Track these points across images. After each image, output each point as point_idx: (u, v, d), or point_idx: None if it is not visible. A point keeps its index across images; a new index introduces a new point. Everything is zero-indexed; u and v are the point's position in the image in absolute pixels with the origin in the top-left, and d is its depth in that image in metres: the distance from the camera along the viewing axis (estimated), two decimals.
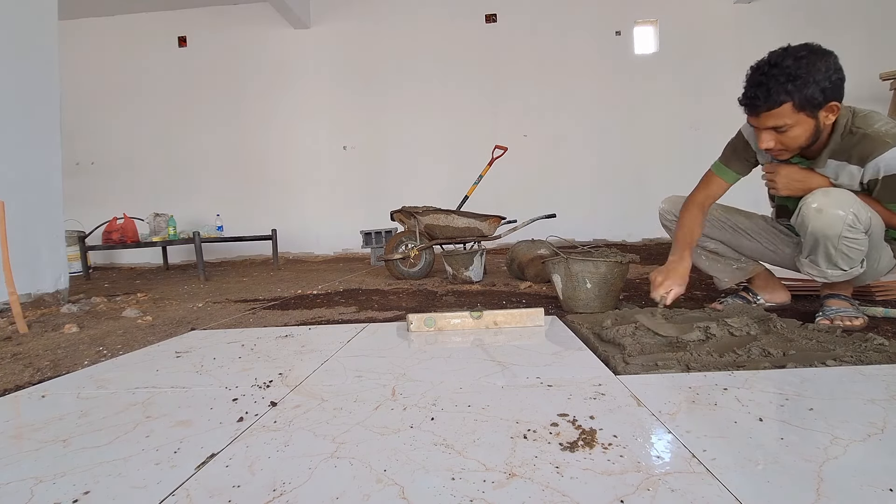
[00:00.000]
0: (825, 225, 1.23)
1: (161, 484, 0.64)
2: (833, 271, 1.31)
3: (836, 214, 1.21)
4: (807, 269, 1.36)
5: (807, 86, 1.14)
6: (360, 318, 1.85)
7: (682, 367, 1.02)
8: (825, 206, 1.23)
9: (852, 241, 1.24)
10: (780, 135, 1.23)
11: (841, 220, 1.21)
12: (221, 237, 4.46)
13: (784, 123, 1.20)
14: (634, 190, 5.31)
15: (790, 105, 1.17)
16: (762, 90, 1.18)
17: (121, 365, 1.30)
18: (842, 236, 1.23)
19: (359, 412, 0.86)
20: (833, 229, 1.23)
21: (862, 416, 0.75)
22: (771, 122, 1.21)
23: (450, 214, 3.09)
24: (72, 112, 5.41)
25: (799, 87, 1.15)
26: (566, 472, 0.61)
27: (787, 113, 1.18)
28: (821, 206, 1.23)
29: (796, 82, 1.14)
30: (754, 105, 1.21)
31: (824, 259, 1.30)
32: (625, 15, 5.29)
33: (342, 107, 5.54)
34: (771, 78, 1.17)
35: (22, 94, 2.35)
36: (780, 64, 1.16)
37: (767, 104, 1.18)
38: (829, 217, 1.22)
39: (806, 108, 1.17)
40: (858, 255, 1.27)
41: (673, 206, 1.64)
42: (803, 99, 1.16)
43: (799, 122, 1.20)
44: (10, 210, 1.98)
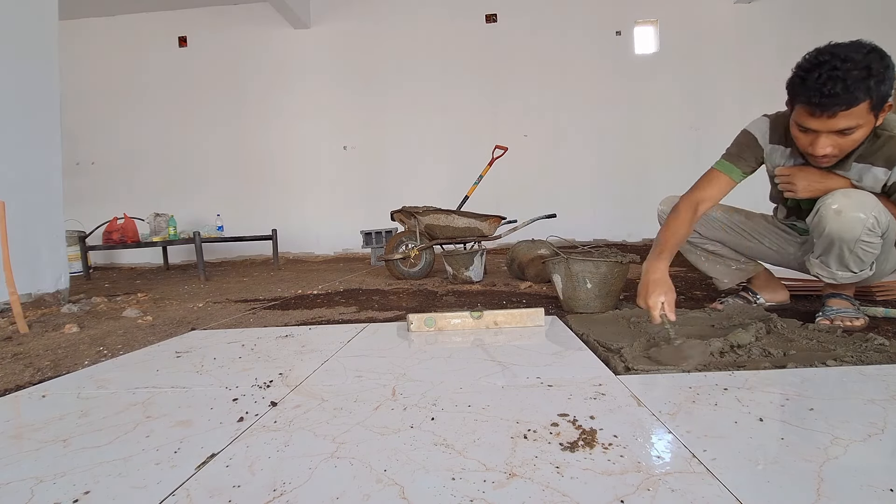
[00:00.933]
0: (844, 228, 1.19)
1: (161, 484, 0.64)
2: (843, 273, 1.29)
3: (857, 217, 1.18)
4: (816, 270, 1.34)
5: (883, 83, 1.03)
6: (361, 318, 1.85)
7: (681, 368, 1.01)
8: (845, 209, 1.18)
9: (868, 245, 1.22)
10: (842, 138, 1.12)
11: (861, 224, 1.18)
12: (222, 237, 4.46)
13: (856, 124, 1.08)
14: (634, 190, 5.31)
15: (867, 104, 1.05)
16: (842, 86, 1.03)
17: (121, 365, 1.30)
18: (860, 240, 1.20)
19: (359, 412, 0.86)
20: (852, 233, 1.19)
21: (862, 416, 0.75)
22: (843, 124, 1.08)
23: (450, 214, 3.09)
24: (72, 112, 5.42)
25: (877, 84, 1.03)
26: (566, 472, 0.61)
27: (862, 113, 1.06)
28: (841, 208, 1.19)
29: (875, 79, 1.02)
30: (832, 104, 1.05)
31: (836, 261, 1.28)
32: (625, 15, 5.29)
33: (342, 107, 5.54)
34: (853, 74, 1.02)
35: (22, 94, 2.35)
36: (853, 58, 1.03)
37: (848, 102, 1.04)
38: (849, 220, 1.18)
39: (876, 108, 1.07)
40: (870, 259, 1.26)
41: (670, 207, 1.63)
42: (879, 97, 1.05)
43: (867, 123, 1.09)
44: (10, 210, 1.98)
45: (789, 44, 5.16)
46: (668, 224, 1.36)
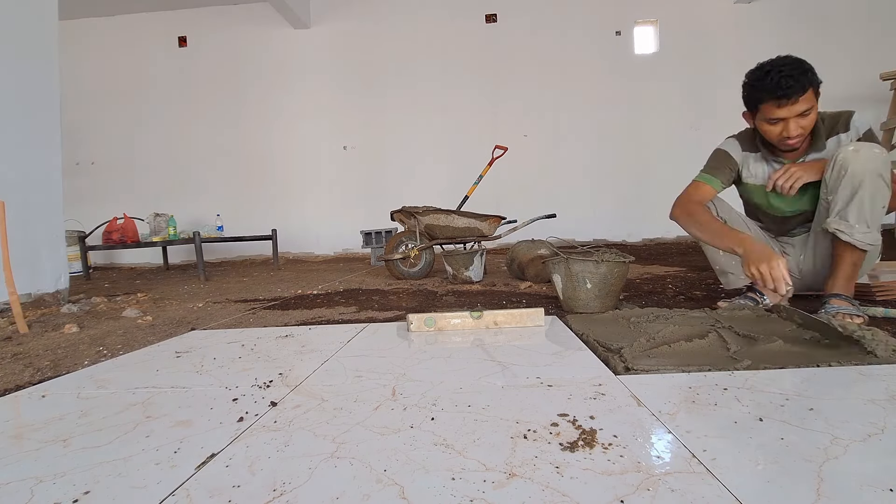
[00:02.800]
0: (865, 160, 1.32)
1: (161, 484, 0.64)
2: (860, 227, 1.35)
3: (874, 151, 1.33)
4: (834, 227, 1.39)
5: (814, 74, 1.38)
6: (360, 318, 1.85)
7: (681, 368, 1.02)
8: (861, 147, 1.34)
9: (884, 189, 1.33)
10: (803, 119, 1.42)
11: (878, 156, 1.32)
12: (221, 237, 4.46)
13: (810, 106, 1.39)
14: (634, 190, 5.31)
15: (812, 90, 1.38)
16: (793, 80, 1.35)
17: (121, 365, 1.30)
18: (879, 175, 1.32)
19: (359, 412, 0.86)
20: (872, 164, 1.32)
21: (862, 416, 0.75)
22: (802, 107, 1.38)
23: (450, 214, 3.09)
24: (72, 112, 5.43)
25: (811, 75, 1.37)
26: (566, 472, 0.61)
27: (810, 97, 1.39)
28: (857, 148, 1.34)
29: (810, 72, 1.37)
30: (792, 92, 1.36)
31: (856, 211, 1.35)
32: (625, 15, 5.29)
33: (342, 107, 5.54)
34: (794, 69, 1.37)
35: (22, 94, 2.35)
36: (792, 61, 1.39)
37: (802, 89, 1.36)
38: (867, 153, 1.32)
39: (816, 92, 1.41)
40: (881, 216, 1.36)
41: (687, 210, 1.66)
42: (816, 84, 1.39)
43: (814, 105, 1.41)
44: (10, 210, 1.98)
45: (789, 44, 5.15)
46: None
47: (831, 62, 5.13)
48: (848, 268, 1.42)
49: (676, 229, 5.25)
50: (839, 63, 5.12)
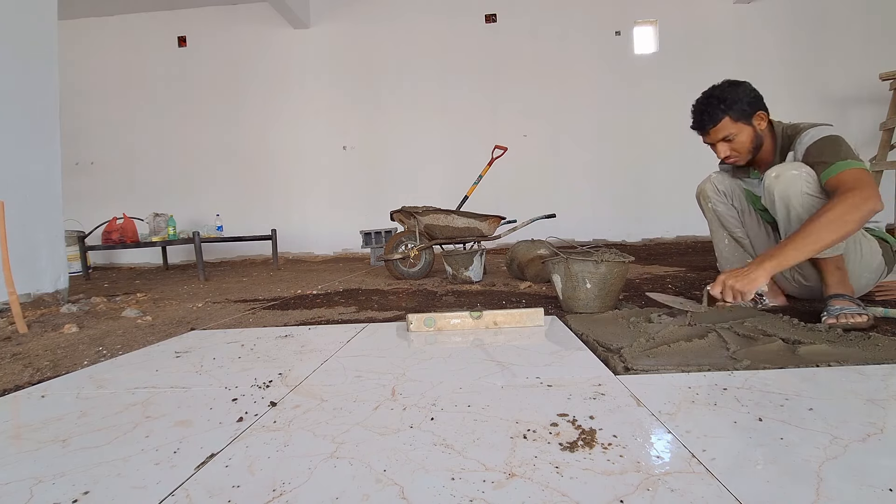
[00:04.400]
0: (786, 184, 1.38)
1: (161, 484, 0.64)
2: None
3: (791, 173, 1.38)
4: None
5: (734, 103, 1.48)
6: (360, 318, 1.85)
7: (681, 368, 1.02)
8: (780, 171, 1.40)
9: (814, 202, 1.35)
10: (730, 143, 1.53)
11: (797, 177, 1.36)
12: (221, 237, 4.45)
13: (729, 133, 1.51)
14: (634, 190, 5.31)
15: (728, 119, 1.49)
16: (705, 114, 1.52)
17: (120, 365, 1.30)
18: (804, 193, 1.36)
19: (358, 412, 0.86)
20: (794, 186, 1.37)
21: (862, 416, 0.75)
22: (720, 134, 1.52)
23: (449, 214, 3.09)
24: (72, 112, 5.42)
25: (729, 104, 1.48)
26: (566, 472, 0.61)
27: (728, 125, 1.50)
28: (777, 173, 1.40)
29: (727, 101, 1.49)
30: (703, 125, 1.54)
31: (799, 225, 1.36)
32: (625, 15, 5.29)
33: (342, 107, 5.54)
34: (709, 103, 1.51)
35: (22, 94, 2.35)
36: (712, 94, 1.52)
37: (712, 122, 1.51)
38: (787, 177, 1.38)
39: (741, 119, 1.49)
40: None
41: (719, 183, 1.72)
42: (737, 112, 1.48)
43: (741, 130, 1.50)
44: (9, 210, 1.98)
45: (788, 44, 5.18)
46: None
47: (831, 62, 5.15)
48: (834, 272, 1.43)
49: (676, 229, 5.27)
50: (839, 63, 5.13)
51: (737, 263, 1.73)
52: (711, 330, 1.26)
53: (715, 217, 1.74)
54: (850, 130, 5.16)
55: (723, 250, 1.76)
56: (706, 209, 1.75)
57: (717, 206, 1.71)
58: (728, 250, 1.75)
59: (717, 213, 1.72)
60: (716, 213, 1.72)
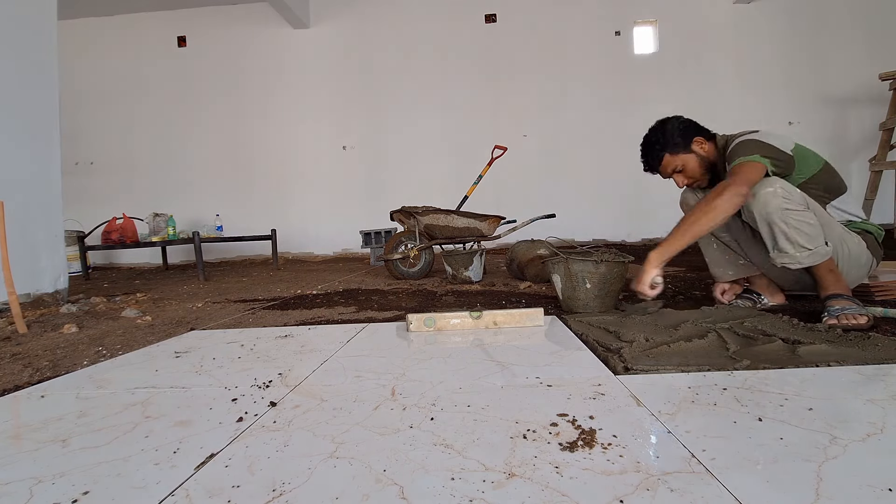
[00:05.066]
0: (763, 203, 1.39)
1: (160, 484, 0.64)
2: (801, 253, 1.39)
3: (766, 191, 1.39)
4: (780, 261, 1.43)
5: (666, 139, 1.62)
6: (360, 318, 1.85)
7: (680, 368, 1.02)
8: (756, 190, 1.41)
9: (797, 214, 1.37)
10: (682, 174, 1.65)
11: (772, 194, 1.38)
12: (221, 237, 4.45)
13: (675, 165, 1.64)
14: (634, 190, 5.31)
15: (668, 154, 1.63)
16: (648, 156, 1.67)
17: (120, 365, 1.30)
18: (783, 209, 1.37)
19: (358, 412, 0.86)
20: (771, 204, 1.38)
21: (861, 415, 0.75)
22: (669, 170, 1.65)
23: (449, 214, 3.09)
24: (72, 112, 5.42)
25: (663, 143, 1.63)
26: (566, 472, 0.61)
27: (670, 160, 1.63)
28: (753, 191, 1.41)
29: (661, 141, 1.63)
30: (651, 167, 1.69)
31: (786, 241, 1.40)
32: (624, 15, 5.29)
33: (342, 107, 5.54)
34: (648, 148, 1.67)
35: (21, 94, 2.35)
36: (647, 139, 1.67)
37: (657, 162, 1.66)
38: (762, 196, 1.39)
39: (679, 150, 1.62)
40: (815, 232, 1.38)
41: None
42: (672, 146, 1.62)
43: (685, 160, 1.62)
44: (9, 210, 1.98)
45: (788, 44, 5.17)
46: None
47: (831, 62, 5.15)
48: (828, 275, 1.43)
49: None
50: (838, 63, 5.13)
51: (729, 265, 1.72)
52: (711, 330, 1.26)
53: None
54: (849, 130, 5.17)
55: (711, 254, 1.76)
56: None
57: None
58: (716, 254, 1.75)
59: None
60: None
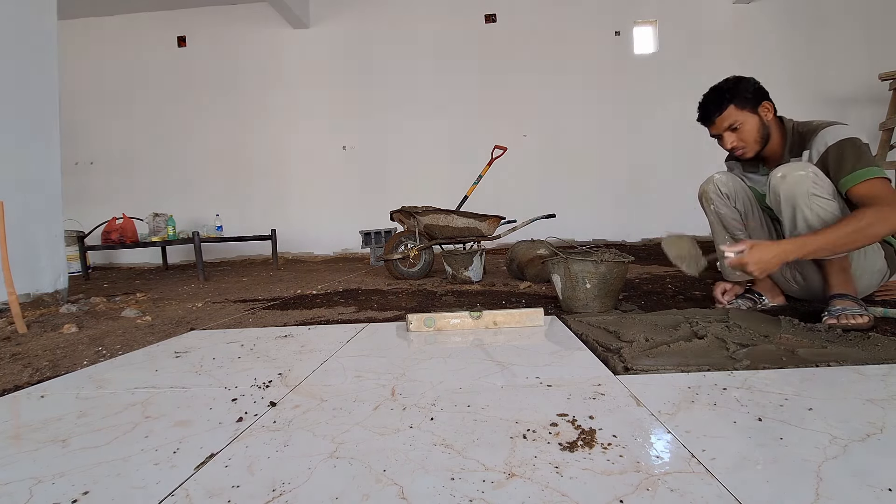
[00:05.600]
0: (792, 185, 1.36)
1: (160, 484, 0.64)
2: None
3: (798, 174, 1.36)
4: None
5: (738, 91, 1.51)
6: (360, 318, 1.85)
7: (680, 368, 1.02)
8: (787, 171, 1.38)
9: (823, 203, 1.34)
10: (736, 133, 1.53)
11: (804, 178, 1.35)
12: (221, 237, 4.45)
13: (735, 121, 1.52)
14: (634, 190, 5.31)
15: (733, 107, 1.51)
16: (711, 103, 1.55)
17: (120, 365, 1.30)
18: (811, 194, 1.34)
19: (358, 412, 0.86)
20: (800, 187, 1.35)
21: (861, 415, 0.75)
22: (726, 123, 1.53)
23: (449, 214, 3.09)
24: (72, 112, 5.42)
25: (734, 93, 1.51)
26: (566, 472, 0.61)
27: (733, 113, 1.51)
28: (784, 173, 1.38)
29: (732, 90, 1.52)
30: (708, 114, 1.55)
31: (805, 227, 1.37)
32: (624, 15, 5.29)
33: (342, 107, 5.54)
34: (714, 94, 1.55)
35: (21, 94, 2.35)
36: (715, 87, 1.56)
37: (718, 110, 1.53)
38: (793, 177, 1.36)
39: (746, 106, 1.51)
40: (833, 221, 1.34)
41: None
42: (741, 99, 1.50)
43: (746, 119, 1.51)
44: (9, 210, 1.98)
45: (788, 44, 5.18)
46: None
47: (830, 62, 5.15)
48: (838, 273, 1.42)
49: (676, 229, 5.26)
50: (838, 63, 5.13)
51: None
52: (711, 330, 1.26)
53: (717, 219, 1.71)
54: None
55: (721, 256, 1.76)
56: (708, 211, 1.73)
57: (720, 208, 1.68)
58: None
59: (720, 215, 1.70)
60: (718, 215, 1.70)
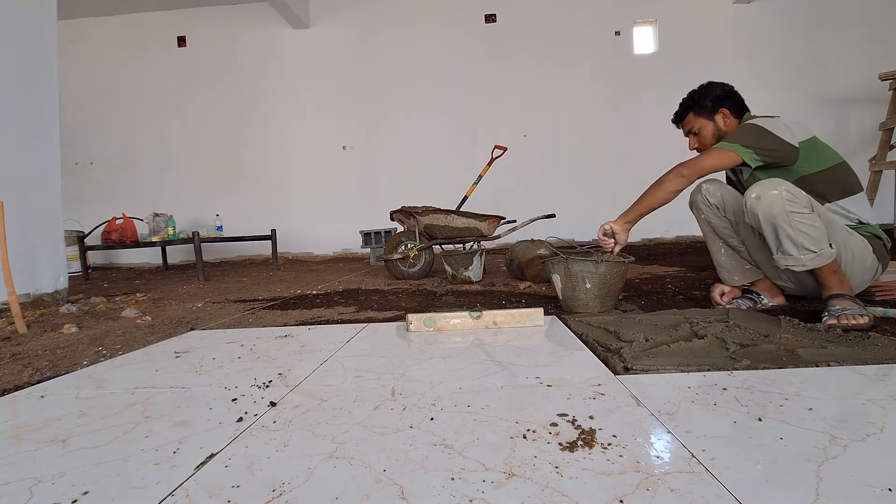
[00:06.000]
0: (768, 205, 1.38)
1: (160, 484, 0.64)
2: (805, 255, 1.38)
3: (771, 193, 1.38)
4: (783, 264, 1.42)
5: (697, 100, 1.72)
6: (360, 318, 1.85)
7: (680, 368, 1.02)
8: (761, 191, 1.40)
9: (802, 217, 1.37)
10: (696, 136, 1.75)
11: (777, 196, 1.37)
12: (221, 237, 4.45)
13: (693, 126, 1.74)
14: (634, 190, 5.29)
15: (692, 114, 1.73)
16: (679, 109, 1.78)
17: (120, 365, 1.30)
18: (788, 212, 1.36)
19: (358, 412, 0.86)
20: (776, 207, 1.37)
21: (861, 415, 0.75)
22: (687, 128, 1.76)
23: (449, 214, 3.09)
24: (72, 112, 5.42)
25: (694, 101, 1.73)
26: (565, 472, 0.61)
27: (692, 119, 1.74)
28: (758, 193, 1.41)
29: (693, 99, 1.73)
30: (676, 117, 1.80)
31: (790, 243, 1.38)
32: (624, 15, 5.29)
33: (342, 107, 5.54)
34: (683, 102, 1.78)
35: (22, 94, 2.35)
36: (689, 94, 1.76)
37: (679, 115, 1.78)
38: (768, 198, 1.39)
39: (702, 114, 1.71)
40: (820, 234, 1.37)
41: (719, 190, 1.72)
42: (699, 108, 1.72)
43: (703, 125, 1.72)
44: (9, 210, 1.98)
45: (788, 44, 5.17)
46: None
47: (830, 62, 5.15)
48: (831, 276, 1.42)
49: (676, 229, 5.27)
50: (838, 63, 5.13)
51: (735, 271, 1.71)
52: (711, 330, 1.26)
53: (709, 228, 1.73)
54: (849, 130, 5.17)
55: (720, 259, 1.75)
56: (699, 220, 1.75)
57: (710, 217, 1.70)
58: (725, 258, 1.74)
59: (711, 223, 1.72)
60: (709, 223, 1.72)
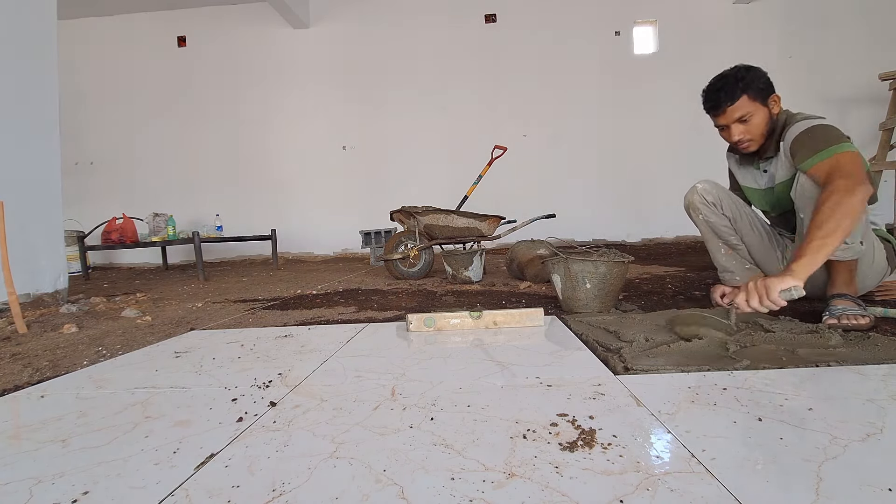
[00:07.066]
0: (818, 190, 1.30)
1: (160, 484, 0.64)
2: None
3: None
4: None
5: (752, 81, 1.46)
6: (360, 318, 1.85)
7: (680, 368, 1.02)
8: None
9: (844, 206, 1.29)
10: (745, 125, 1.49)
11: None
12: (221, 237, 4.45)
13: (746, 112, 1.47)
14: (634, 190, 5.31)
15: (746, 97, 1.46)
16: (723, 91, 1.48)
17: (120, 365, 1.30)
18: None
19: (358, 412, 0.86)
20: None
21: (861, 415, 0.75)
22: (736, 114, 1.47)
23: (449, 214, 3.09)
24: (72, 112, 5.42)
25: (747, 82, 1.46)
26: (565, 472, 0.61)
27: (745, 104, 1.46)
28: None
29: (745, 80, 1.46)
30: (719, 103, 1.48)
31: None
32: (624, 15, 5.29)
33: (342, 107, 5.54)
34: (726, 82, 1.48)
35: (21, 94, 2.35)
36: (728, 74, 1.49)
37: (730, 99, 1.47)
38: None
39: (758, 97, 1.46)
40: (858, 229, 1.33)
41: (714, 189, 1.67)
42: (755, 89, 1.46)
43: (757, 110, 1.47)
44: (9, 210, 1.98)
45: (788, 44, 5.17)
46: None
47: (831, 62, 5.14)
48: (844, 273, 1.42)
49: (676, 229, 5.26)
50: (838, 63, 5.13)
51: (736, 271, 1.72)
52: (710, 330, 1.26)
53: (707, 228, 1.72)
54: (849, 130, 5.13)
55: (720, 260, 1.74)
56: (697, 221, 1.73)
57: (709, 216, 1.69)
58: (725, 259, 1.73)
59: (709, 223, 1.70)
60: (707, 223, 1.71)
